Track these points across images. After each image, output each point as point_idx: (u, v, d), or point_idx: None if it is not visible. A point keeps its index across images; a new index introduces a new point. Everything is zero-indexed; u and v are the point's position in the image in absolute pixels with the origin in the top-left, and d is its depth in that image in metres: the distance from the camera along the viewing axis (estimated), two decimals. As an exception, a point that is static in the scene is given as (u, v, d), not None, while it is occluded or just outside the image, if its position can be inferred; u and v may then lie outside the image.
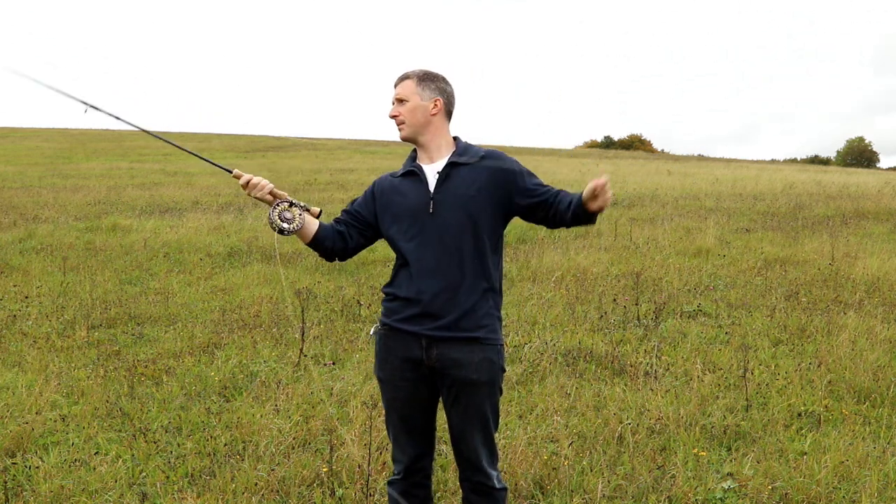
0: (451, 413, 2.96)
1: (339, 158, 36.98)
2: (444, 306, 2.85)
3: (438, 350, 2.87)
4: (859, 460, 4.15)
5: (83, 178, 24.35)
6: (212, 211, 15.63)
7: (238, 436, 4.49)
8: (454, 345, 2.87)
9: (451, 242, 2.87)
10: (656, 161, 43.01)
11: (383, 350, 2.99)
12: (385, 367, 2.99)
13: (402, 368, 2.94)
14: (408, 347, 2.92)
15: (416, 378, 2.93)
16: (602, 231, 12.76)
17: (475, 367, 2.88)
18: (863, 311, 7.31)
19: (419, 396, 2.97)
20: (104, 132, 56.19)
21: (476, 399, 2.92)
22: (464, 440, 2.97)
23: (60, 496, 3.82)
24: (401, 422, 3.01)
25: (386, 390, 3.02)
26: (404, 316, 2.91)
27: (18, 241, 11.65)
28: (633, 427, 4.61)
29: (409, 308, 2.90)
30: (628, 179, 23.63)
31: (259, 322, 7.11)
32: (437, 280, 2.86)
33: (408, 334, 2.91)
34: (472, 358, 2.88)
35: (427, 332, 2.88)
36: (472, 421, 2.94)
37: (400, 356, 2.94)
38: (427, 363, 2.90)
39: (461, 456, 3.01)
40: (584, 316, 7.27)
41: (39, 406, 4.96)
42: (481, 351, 2.89)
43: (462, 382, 2.89)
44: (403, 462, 3.04)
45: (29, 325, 7.02)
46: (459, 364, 2.87)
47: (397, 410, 3.00)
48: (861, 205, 16.45)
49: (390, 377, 2.98)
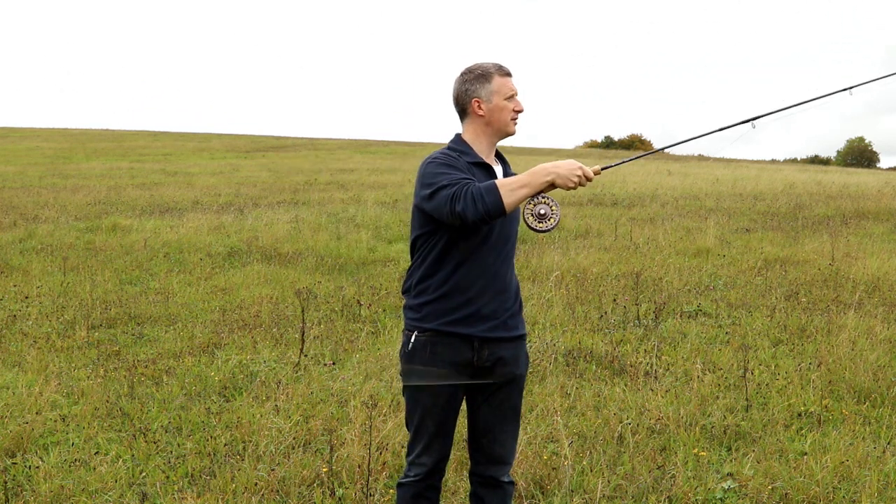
0: (481, 409, 2.98)
1: (339, 158, 36.96)
2: (499, 307, 2.90)
3: (490, 350, 2.90)
4: (859, 460, 4.15)
5: (83, 178, 24.34)
6: (212, 211, 15.61)
7: (238, 436, 4.49)
8: (505, 343, 2.93)
9: (510, 243, 2.95)
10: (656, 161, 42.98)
11: (429, 356, 2.88)
12: (428, 375, 2.89)
13: (447, 374, 2.88)
14: (458, 351, 2.87)
15: (458, 382, 2.91)
16: (602, 231, 12.76)
17: (519, 363, 2.99)
18: (863, 311, 7.31)
19: (457, 401, 2.96)
20: (104, 132, 56.19)
21: (513, 393, 3.01)
22: (491, 434, 3.00)
23: (60, 496, 3.83)
24: (436, 427, 2.94)
25: (424, 397, 2.92)
26: (457, 318, 2.86)
27: (18, 241, 11.64)
28: (633, 427, 4.61)
29: (462, 310, 2.86)
30: (628, 179, 23.61)
31: (259, 322, 7.11)
32: (496, 281, 2.89)
33: (458, 337, 2.86)
34: (518, 354, 2.99)
35: (481, 334, 2.87)
36: (505, 414, 3.00)
37: (448, 360, 2.87)
38: (476, 364, 2.89)
39: (480, 451, 3.02)
40: (584, 316, 7.27)
41: (39, 406, 4.96)
42: (523, 347, 3.02)
43: (506, 379, 2.96)
44: (427, 465, 2.98)
45: (29, 325, 7.02)
46: (506, 361, 2.94)
47: (435, 417, 2.93)
48: (861, 205, 16.44)
49: (433, 384, 2.90)
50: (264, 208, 16.17)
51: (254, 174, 26.11)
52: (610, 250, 10.89)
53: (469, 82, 2.92)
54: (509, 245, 2.96)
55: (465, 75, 2.94)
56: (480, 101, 2.91)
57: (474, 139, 2.95)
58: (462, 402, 3.01)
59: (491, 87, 2.90)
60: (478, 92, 2.91)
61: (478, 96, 2.91)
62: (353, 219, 14.20)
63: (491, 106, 2.90)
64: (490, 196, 2.66)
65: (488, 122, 2.93)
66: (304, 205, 16.82)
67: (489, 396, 2.97)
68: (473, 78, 2.92)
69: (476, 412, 3.00)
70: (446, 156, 2.85)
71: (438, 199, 2.73)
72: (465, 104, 2.94)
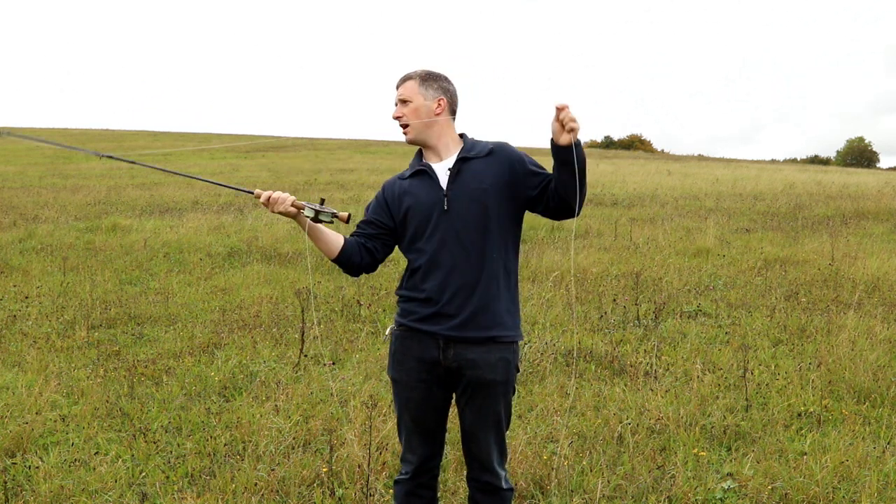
0: (465, 412, 2.95)
1: (339, 158, 36.99)
2: (462, 305, 2.83)
3: (455, 350, 2.86)
4: (859, 460, 4.15)
5: (83, 178, 24.35)
6: (212, 211, 15.62)
7: (238, 436, 4.49)
8: (471, 345, 2.85)
9: (467, 238, 2.84)
10: (656, 161, 42.97)
11: (399, 351, 2.95)
12: (400, 368, 2.95)
13: (417, 369, 2.90)
14: (424, 348, 2.89)
15: (431, 379, 2.91)
16: (602, 231, 12.76)
17: (491, 367, 2.86)
18: (862, 311, 7.31)
19: (433, 398, 2.95)
20: (104, 132, 56.17)
21: (491, 399, 2.90)
22: (475, 440, 2.95)
23: (60, 496, 3.83)
24: (413, 423, 2.97)
25: (400, 391, 2.98)
26: (421, 316, 2.88)
27: (18, 241, 11.65)
28: (633, 427, 4.61)
29: (425, 308, 2.87)
30: (628, 179, 23.62)
31: (259, 322, 7.11)
32: (453, 279, 2.83)
33: (424, 334, 2.88)
34: (489, 358, 2.86)
35: (444, 332, 2.85)
36: (485, 420, 2.92)
37: (416, 357, 2.90)
38: (444, 363, 2.88)
39: (471, 456, 2.99)
40: (584, 316, 7.27)
41: (39, 406, 4.96)
42: (497, 350, 2.87)
43: (478, 383, 2.88)
44: (413, 462, 3.01)
45: (29, 325, 7.02)
46: (476, 364, 2.86)
47: (411, 411, 2.96)
48: (861, 205, 16.45)
49: (405, 378, 2.94)
50: (264, 208, 16.14)
51: (254, 174, 26.12)
52: (610, 250, 10.89)
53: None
54: (467, 241, 2.82)
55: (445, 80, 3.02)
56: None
57: None
58: (446, 403, 3.00)
59: None
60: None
61: None
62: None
63: None
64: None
65: None
66: (304, 205, 16.80)
67: (469, 401, 2.92)
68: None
69: (462, 417, 2.98)
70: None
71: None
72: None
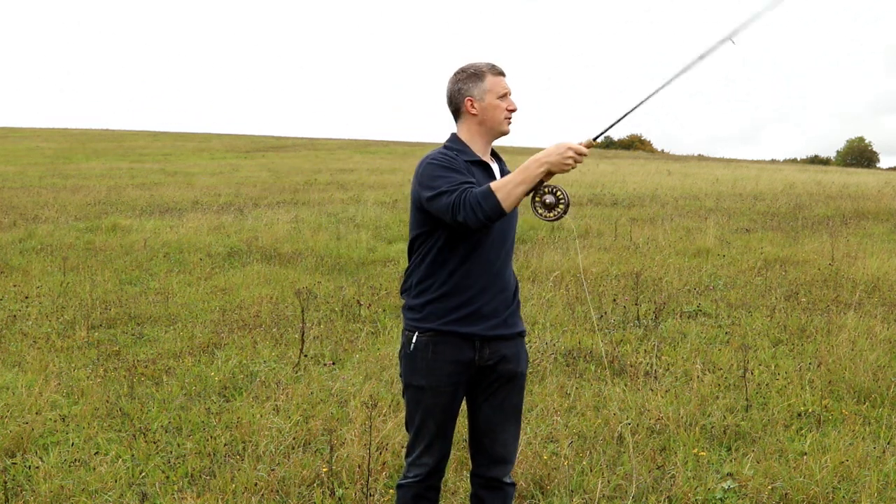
0: (482, 409, 2.97)
1: (339, 158, 36.98)
2: (500, 305, 2.91)
3: (491, 349, 2.90)
4: (859, 460, 4.15)
5: (83, 178, 24.35)
6: (212, 211, 15.62)
7: (238, 436, 4.49)
8: (505, 341, 2.93)
9: (510, 238, 2.95)
10: (656, 161, 42.98)
11: (431, 356, 2.87)
12: (431, 374, 2.88)
13: (450, 373, 2.88)
14: (459, 350, 2.87)
15: (462, 381, 2.91)
16: (602, 231, 12.76)
17: (518, 360, 2.98)
18: (862, 311, 7.31)
19: (458, 400, 2.96)
20: (104, 132, 56.19)
21: (514, 391, 3.00)
22: (491, 435, 2.98)
23: (60, 496, 3.83)
24: (437, 427, 2.94)
25: (427, 397, 2.91)
26: (458, 317, 2.86)
27: (18, 241, 11.64)
28: (633, 427, 4.61)
29: (463, 309, 2.86)
30: (628, 179, 23.62)
31: (259, 322, 7.11)
32: (497, 280, 2.89)
33: (459, 336, 2.86)
34: (519, 351, 2.99)
35: (482, 333, 2.87)
36: (507, 413, 2.99)
37: (450, 360, 2.87)
38: (478, 363, 2.90)
39: (481, 451, 3.01)
40: (584, 316, 7.27)
41: (39, 406, 4.96)
42: (522, 344, 3.02)
43: (507, 377, 2.95)
44: (429, 465, 2.97)
45: (29, 325, 7.02)
46: (507, 359, 2.94)
47: (436, 417, 2.92)
48: (861, 205, 16.44)
49: (436, 383, 2.88)
50: (264, 208, 16.17)
51: (254, 174, 26.12)
52: (610, 250, 10.88)
53: (462, 81, 2.93)
54: (508, 243, 2.96)
55: (458, 75, 2.94)
56: (473, 99, 2.91)
57: (469, 138, 2.94)
58: (462, 403, 3.01)
59: (484, 86, 2.90)
60: (471, 91, 2.91)
61: (470, 95, 2.91)
62: (352, 219, 14.20)
63: (484, 105, 2.91)
64: (487, 201, 2.66)
65: (481, 121, 2.92)
66: (303, 205, 16.82)
67: (490, 396, 2.96)
68: (466, 77, 2.92)
69: (477, 412, 2.99)
70: (444, 156, 2.84)
71: (439, 204, 2.74)
72: (458, 103, 2.94)
